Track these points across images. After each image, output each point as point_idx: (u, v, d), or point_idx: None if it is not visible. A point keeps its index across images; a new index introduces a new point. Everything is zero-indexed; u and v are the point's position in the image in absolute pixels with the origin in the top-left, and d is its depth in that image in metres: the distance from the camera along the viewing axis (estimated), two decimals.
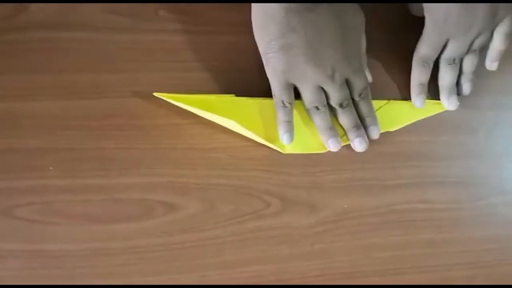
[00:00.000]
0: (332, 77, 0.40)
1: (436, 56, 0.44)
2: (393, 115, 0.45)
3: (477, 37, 0.42)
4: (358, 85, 0.42)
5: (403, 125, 0.45)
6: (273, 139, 0.43)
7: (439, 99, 0.46)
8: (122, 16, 0.39)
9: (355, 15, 0.40)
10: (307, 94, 0.41)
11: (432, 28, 0.42)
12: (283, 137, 0.42)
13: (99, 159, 0.42)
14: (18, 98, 0.42)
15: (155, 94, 0.42)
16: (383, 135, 0.45)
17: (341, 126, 0.44)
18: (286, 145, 0.43)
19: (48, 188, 0.42)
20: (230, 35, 0.44)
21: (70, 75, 0.42)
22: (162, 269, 0.43)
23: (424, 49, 0.43)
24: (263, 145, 0.43)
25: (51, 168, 0.42)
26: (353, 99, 0.43)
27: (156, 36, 0.43)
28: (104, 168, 0.42)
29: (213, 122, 0.43)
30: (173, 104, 0.42)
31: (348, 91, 0.42)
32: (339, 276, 0.45)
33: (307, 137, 0.44)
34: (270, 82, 0.42)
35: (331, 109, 0.43)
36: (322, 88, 0.41)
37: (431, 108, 0.45)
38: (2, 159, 0.41)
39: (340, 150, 0.44)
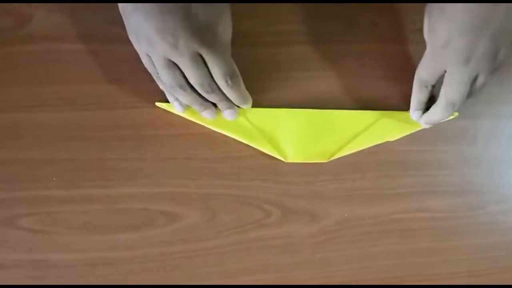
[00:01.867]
0: (175, 46, 0.35)
1: (433, 81, 0.42)
2: (393, 125, 0.45)
3: (475, 77, 0.39)
4: (217, 66, 0.37)
5: (403, 135, 0.45)
6: (275, 148, 0.43)
7: None
8: (123, 28, 0.39)
9: None
10: (160, 71, 0.38)
11: (431, 54, 0.40)
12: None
13: (100, 170, 0.42)
14: (20, 109, 0.42)
15: (157, 103, 0.42)
16: (383, 144, 0.45)
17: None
18: (288, 154, 0.44)
19: (50, 198, 0.42)
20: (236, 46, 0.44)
21: (72, 86, 0.42)
22: (164, 278, 0.43)
23: (422, 73, 0.42)
24: (264, 154, 0.44)
25: (54, 179, 0.42)
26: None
27: None
28: (106, 179, 0.42)
29: (214, 132, 0.43)
30: (173, 115, 0.42)
31: (206, 71, 0.38)
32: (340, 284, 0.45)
33: (309, 146, 0.44)
34: None
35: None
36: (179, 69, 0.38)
37: None
38: (4, 170, 0.42)
39: (340, 159, 0.44)
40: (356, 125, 0.45)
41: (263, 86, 0.44)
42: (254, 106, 0.43)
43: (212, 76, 0.38)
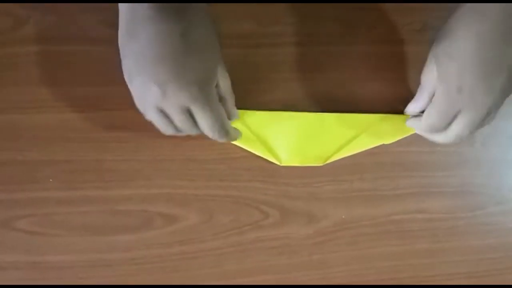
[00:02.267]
0: (164, 97, 0.35)
1: (445, 125, 0.39)
2: (389, 129, 0.44)
3: (489, 114, 0.37)
4: (204, 119, 0.37)
5: (399, 138, 0.45)
6: (270, 151, 0.43)
7: None
8: None
9: (208, 42, 0.36)
10: (151, 116, 0.37)
11: (445, 98, 0.37)
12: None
13: (98, 171, 0.42)
14: (18, 111, 0.42)
15: None
16: (381, 145, 0.45)
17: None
18: (283, 158, 0.44)
19: (48, 200, 0.42)
20: (229, 47, 0.44)
21: (69, 88, 0.42)
22: (162, 280, 0.43)
23: (434, 117, 0.38)
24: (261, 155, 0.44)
25: (51, 180, 0.42)
26: None
27: None
28: (104, 180, 0.43)
29: None
30: None
31: (194, 123, 0.37)
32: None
33: (304, 150, 0.44)
34: None
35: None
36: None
37: None
38: (2, 171, 0.42)
39: (338, 161, 0.44)
40: (352, 129, 0.44)
41: (260, 87, 0.44)
42: (250, 108, 0.43)
43: None
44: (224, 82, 0.39)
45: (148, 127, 0.42)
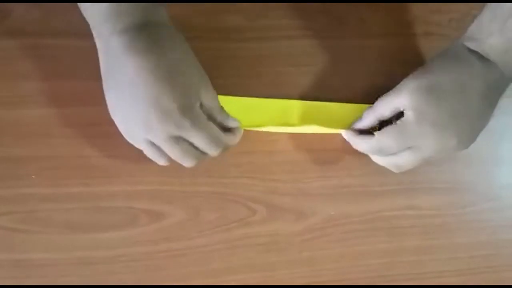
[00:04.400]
0: (149, 131, 0.36)
1: (394, 152, 0.39)
2: None
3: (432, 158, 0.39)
4: (197, 142, 0.37)
5: None
6: (282, 120, 0.43)
7: None
8: None
9: (185, 68, 0.36)
10: (140, 147, 0.38)
11: (414, 126, 0.37)
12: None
13: (82, 167, 0.42)
14: (1, 106, 0.41)
15: None
16: None
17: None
18: (299, 123, 0.43)
19: (31, 196, 0.41)
20: (217, 41, 0.44)
21: (53, 83, 0.42)
22: (147, 278, 0.42)
23: (391, 140, 0.38)
24: (249, 151, 0.43)
25: (34, 176, 0.41)
26: None
27: None
28: (88, 176, 0.42)
29: None
30: None
31: (184, 146, 0.37)
32: (327, 284, 0.44)
33: (326, 117, 0.43)
34: None
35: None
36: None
37: None
38: None
39: (326, 156, 0.44)
40: (348, 117, 0.43)
41: (248, 82, 0.44)
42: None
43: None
44: (208, 101, 0.37)
45: None
